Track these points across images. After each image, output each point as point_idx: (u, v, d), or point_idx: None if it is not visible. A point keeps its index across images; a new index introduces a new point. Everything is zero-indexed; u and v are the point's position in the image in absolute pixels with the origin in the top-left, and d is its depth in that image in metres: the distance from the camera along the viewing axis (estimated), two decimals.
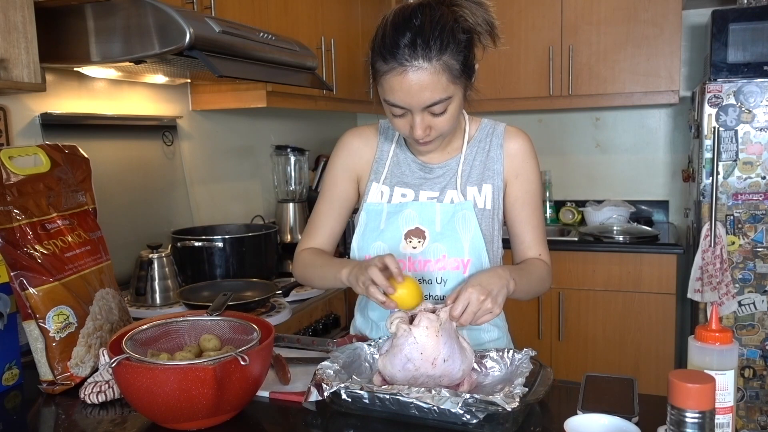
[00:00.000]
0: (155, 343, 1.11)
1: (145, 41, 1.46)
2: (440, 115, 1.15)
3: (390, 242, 1.27)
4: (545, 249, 1.33)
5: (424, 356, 1.01)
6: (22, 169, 1.21)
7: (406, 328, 1.02)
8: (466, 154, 1.30)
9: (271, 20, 2.18)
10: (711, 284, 2.55)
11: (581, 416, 0.89)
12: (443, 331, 1.02)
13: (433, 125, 1.16)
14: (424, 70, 1.09)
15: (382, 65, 1.12)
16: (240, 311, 1.30)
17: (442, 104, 1.13)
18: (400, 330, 1.02)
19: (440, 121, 1.16)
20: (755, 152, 2.51)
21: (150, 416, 1.01)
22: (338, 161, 1.37)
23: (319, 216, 1.38)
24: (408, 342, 1.01)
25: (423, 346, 1.01)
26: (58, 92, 1.80)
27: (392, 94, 1.13)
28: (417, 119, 1.15)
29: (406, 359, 1.01)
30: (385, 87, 1.14)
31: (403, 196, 1.30)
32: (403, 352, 1.01)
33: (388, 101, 1.15)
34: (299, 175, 2.78)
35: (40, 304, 1.17)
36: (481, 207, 1.28)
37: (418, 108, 1.13)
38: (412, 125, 1.16)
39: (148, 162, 2.11)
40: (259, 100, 2.22)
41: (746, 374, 2.57)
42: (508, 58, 3.12)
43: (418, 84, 1.10)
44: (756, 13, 2.51)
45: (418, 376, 1.02)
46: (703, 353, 0.86)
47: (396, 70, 1.10)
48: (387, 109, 1.18)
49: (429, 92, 1.11)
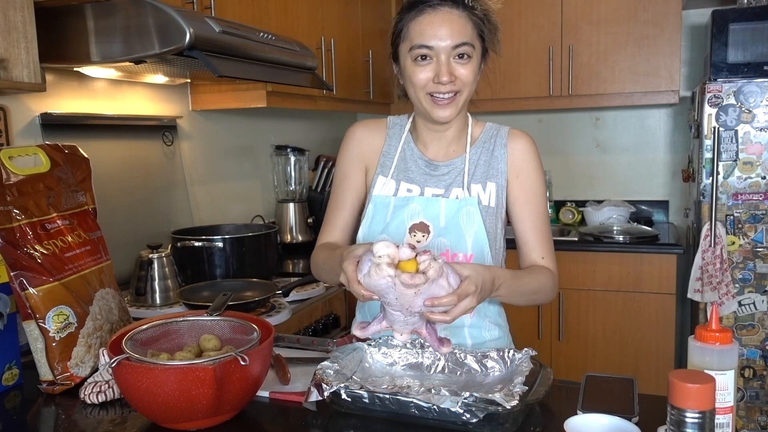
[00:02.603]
0: (155, 343, 1.11)
1: (145, 41, 1.46)
2: (464, 64, 1.21)
3: (394, 236, 1.29)
4: (549, 253, 1.31)
5: (399, 301, 0.97)
6: (22, 169, 1.21)
7: (392, 274, 0.95)
8: (471, 154, 1.32)
9: (271, 20, 2.18)
10: (711, 284, 2.55)
11: (581, 416, 0.89)
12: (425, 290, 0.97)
13: (456, 74, 1.21)
14: (453, 14, 1.20)
15: (411, 13, 1.22)
16: (240, 311, 1.30)
17: (467, 47, 1.20)
18: (384, 272, 0.95)
19: (463, 71, 1.21)
20: (755, 152, 2.51)
21: (150, 416, 1.01)
22: (348, 152, 1.39)
23: (333, 210, 1.39)
24: (387, 285, 0.96)
25: (401, 295, 0.96)
26: (58, 92, 1.80)
27: (421, 35, 1.20)
28: (443, 60, 1.20)
29: (381, 292, 0.97)
30: (413, 33, 1.21)
31: (409, 191, 1.32)
32: (379, 286, 0.96)
33: (416, 44, 1.20)
34: (299, 175, 2.78)
35: (40, 304, 1.17)
36: (486, 204, 1.30)
37: (446, 48, 1.19)
38: (438, 71, 1.20)
39: (148, 162, 2.11)
40: (259, 100, 2.22)
41: (746, 374, 2.57)
42: (508, 58, 3.12)
43: (447, 23, 1.19)
44: (756, 13, 2.51)
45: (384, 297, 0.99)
46: (703, 353, 0.86)
47: (427, 12, 1.20)
48: (409, 63, 1.23)
49: (457, 32, 1.19)
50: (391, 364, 1.18)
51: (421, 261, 0.96)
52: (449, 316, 0.99)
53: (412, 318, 1.01)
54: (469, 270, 1.03)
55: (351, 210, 1.38)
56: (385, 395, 0.98)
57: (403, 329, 1.03)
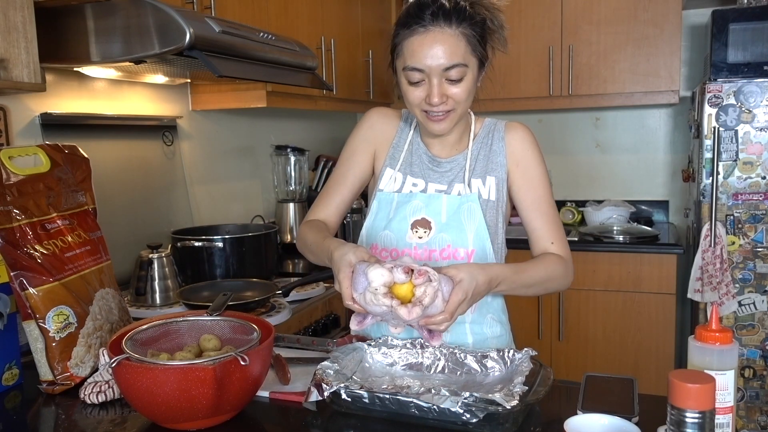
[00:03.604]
0: (155, 343, 1.11)
1: (145, 41, 1.46)
2: (457, 83, 1.19)
3: (397, 232, 1.31)
4: (558, 237, 1.31)
5: (394, 321, 1.04)
6: (22, 169, 1.21)
7: (389, 304, 1.00)
8: (472, 150, 1.33)
9: (271, 20, 2.18)
10: (711, 284, 2.55)
11: (581, 416, 0.89)
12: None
13: (449, 94, 1.20)
14: (445, 33, 1.17)
15: (405, 31, 1.19)
16: (240, 311, 1.30)
17: (459, 69, 1.18)
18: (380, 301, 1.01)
19: (456, 91, 1.20)
20: (755, 152, 2.51)
21: (150, 416, 1.01)
22: (360, 133, 1.40)
23: (333, 185, 1.40)
24: (384, 312, 1.02)
25: (397, 317, 1.01)
26: (58, 92, 1.80)
27: (412, 57, 1.18)
28: (435, 82, 1.18)
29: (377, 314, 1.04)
30: (406, 53, 1.19)
31: (414, 185, 1.34)
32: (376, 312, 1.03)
33: (408, 66, 1.19)
34: (299, 175, 2.78)
35: (40, 304, 1.17)
36: (486, 198, 1.31)
37: (437, 70, 1.17)
38: (429, 93, 1.19)
39: (148, 162, 2.11)
40: (259, 100, 2.22)
41: (746, 374, 2.57)
42: (508, 58, 3.08)
43: (439, 44, 1.16)
44: (756, 13, 2.51)
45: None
46: (703, 353, 0.86)
47: (418, 32, 1.17)
48: (404, 80, 1.22)
49: (448, 54, 1.17)
50: (391, 364, 1.18)
51: (417, 285, 1.00)
52: (442, 327, 1.04)
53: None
54: (463, 273, 1.05)
55: (350, 189, 1.39)
56: (385, 395, 0.98)
57: (397, 324, 1.07)
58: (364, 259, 1.05)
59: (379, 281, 1.00)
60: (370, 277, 1.00)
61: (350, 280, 1.04)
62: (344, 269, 1.05)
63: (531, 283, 1.23)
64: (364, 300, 1.02)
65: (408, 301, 1.00)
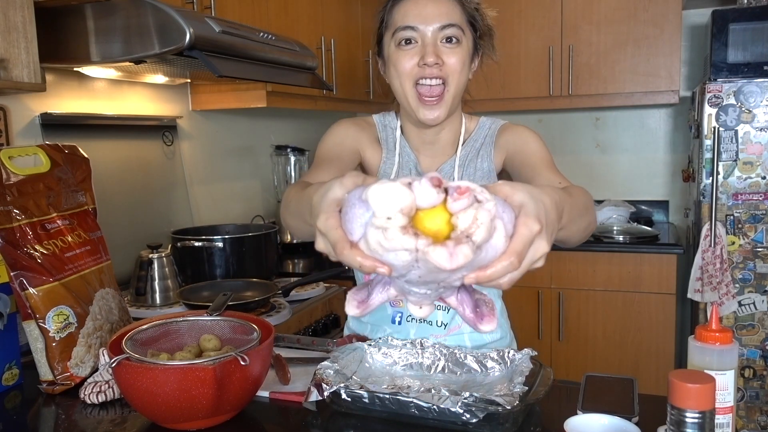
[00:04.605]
0: (155, 343, 1.10)
1: (145, 41, 1.46)
2: (453, 48, 1.13)
3: None
4: (567, 181, 1.12)
5: (423, 279, 0.57)
6: (22, 169, 1.21)
7: (412, 246, 0.53)
8: (461, 156, 1.29)
9: (271, 20, 2.18)
10: (711, 284, 2.55)
11: (581, 416, 0.89)
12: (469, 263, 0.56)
13: (444, 58, 1.13)
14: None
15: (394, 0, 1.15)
16: (240, 311, 1.30)
17: (455, 29, 1.13)
18: (398, 243, 0.53)
19: (452, 58, 1.13)
20: (755, 152, 2.51)
21: (150, 416, 1.01)
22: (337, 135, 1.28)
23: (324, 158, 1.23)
24: (406, 263, 0.54)
25: (428, 273, 0.56)
26: (58, 92, 1.80)
27: (405, 16, 1.13)
28: (429, 42, 1.12)
29: (395, 269, 0.56)
30: (396, 17, 1.15)
31: None
32: (392, 264, 0.55)
33: (400, 26, 1.13)
34: (299, 175, 2.78)
35: (40, 304, 1.17)
36: None
37: (432, 28, 1.12)
38: (423, 53, 1.12)
39: (148, 162, 2.11)
40: (259, 100, 2.22)
41: (746, 374, 2.57)
42: (508, 58, 3.12)
43: (434, 3, 1.12)
44: (756, 13, 2.51)
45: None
46: (703, 353, 0.86)
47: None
48: (394, 48, 1.15)
49: (445, 13, 1.12)
50: (391, 364, 1.18)
51: (457, 212, 0.54)
52: (505, 281, 0.58)
53: (438, 289, 0.62)
54: (521, 194, 0.59)
55: (340, 165, 1.20)
56: (385, 395, 0.98)
57: (422, 301, 0.63)
58: (358, 185, 0.60)
59: (390, 206, 0.53)
60: (374, 202, 0.54)
61: (338, 218, 0.58)
62: (327, 209, 0.59)
63: (581, 206, 0.89)
64: (368, 247, 0.55)
65: (445, 237, 0.54)
